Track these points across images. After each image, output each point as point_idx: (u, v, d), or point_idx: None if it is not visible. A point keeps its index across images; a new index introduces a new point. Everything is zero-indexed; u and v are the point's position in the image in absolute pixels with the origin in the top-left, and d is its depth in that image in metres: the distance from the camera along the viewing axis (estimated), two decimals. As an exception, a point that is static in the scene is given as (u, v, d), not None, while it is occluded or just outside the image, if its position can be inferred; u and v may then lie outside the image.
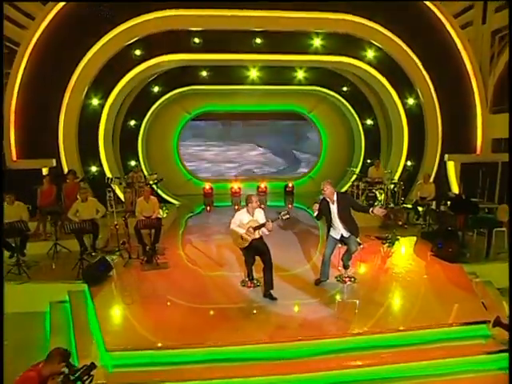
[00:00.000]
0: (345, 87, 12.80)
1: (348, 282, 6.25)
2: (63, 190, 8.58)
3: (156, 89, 12.14)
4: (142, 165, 12.41)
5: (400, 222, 9.43)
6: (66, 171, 9.15)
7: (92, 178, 10.01)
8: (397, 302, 5.92)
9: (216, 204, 13.15)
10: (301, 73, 12.32)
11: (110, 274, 6.51)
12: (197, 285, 6.32)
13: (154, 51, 9.78)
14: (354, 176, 11.35)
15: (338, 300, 5.86)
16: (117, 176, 9.89)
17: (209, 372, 4.45)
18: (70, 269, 6.57)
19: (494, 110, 10.37)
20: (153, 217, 7.56)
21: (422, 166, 10.62)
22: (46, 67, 9.10)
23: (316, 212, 5.95)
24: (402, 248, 8.05)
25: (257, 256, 5.91)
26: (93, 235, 7.50)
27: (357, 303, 5.60)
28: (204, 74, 12.09)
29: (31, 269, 6.74)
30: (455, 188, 10.45)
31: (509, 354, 4.54)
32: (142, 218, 7.39)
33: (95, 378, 3.67)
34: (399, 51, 9.95)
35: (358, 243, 6.10)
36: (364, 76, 11.25)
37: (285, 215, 5.45)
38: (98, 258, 6.59)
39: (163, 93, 12.31)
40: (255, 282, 6.13)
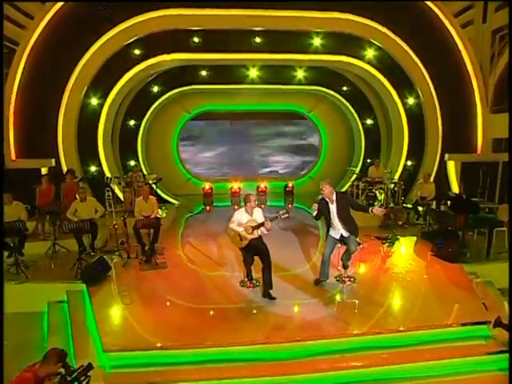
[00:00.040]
0: (345, 87, 12.76)
1: (348, 282, 6.22)
2: (62, 189, 8.56)
3: (155, 88, 12.11)
4: (142, 165, 12.38)
5: (400, 222, 9.39)
6: (65, 171, 9.13)
7: (91, 178, 10.00)
8: (397, 302, 5.89)
9: (216, 204, 13.12)
10: (301, 72, 12.29)
11: (109, 273, 6.49)
12: (196, 285, 6.29)
13: (153, 51, 9.76)
14: (354, 176, 11.32)
15: (338, 300, 5.84)
16: (116, 176, 9.88)
17: (207, 373, 4.42)
18: (69, 269, 6.56)
19: (494, 110, 10.32)
20: (152, 216, 7.54)
21: (422, 165, 10.59)
22: (45, 67, 9.08)
23: (315, 212, 5.94)
24: (402, 248, 8.02)
25: (256, 256, 5.88)
26: (91, 235, 7.49)
27: (356, 303, 5.58)
28: (204, 73, 12.06)
29: (29, 268, 6.73)
30: (455, 188, 10.42)
31: (509, 355, 4.51)
32: (141, 218, 7.38)
33: (92, 379, 3.63)
34: (399, 50, 9.91)
35: (358, 243, 6.08)
36: (364, 75, 11.22)
37: (284, 214, 5.42)
38: (96, 257, 6.57)
39: (163, 92, 12.28)
40: (254, 282, 6.11)
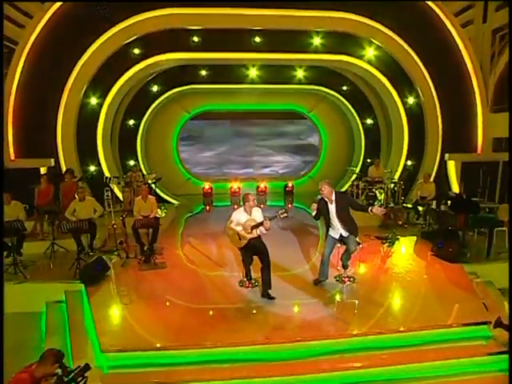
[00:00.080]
0: (345, 86, 12.75)
1: (347, 282, 6.19)
2: (61, 189, 8.53)
3: (155, 88, 12.09)
4: (141, 164, 12.35)
5: (400, 222, 9.37)
6: (64, 170, 9.10)
7: (90, 178, 9.97)
8: (397, 303, 5.87)
9: (215, 204, 13.10)
10: (300, 72, 12.27)
11: (108, 273, 6.46)
12: (195, 285, 6.26)
13: (152, 50, 9.73)
14: (354, 175, 11.30)
15: (338, 300, 5.81)
16: (115, 175, 9.85)
17: (206, 373, 4.39)
18: (67, 268, 6.54)
19: (494, 109, 10.30)
20: (151, 216, 7.53)
21: (423, 165, 10.56)
22: (44, 66, 9.05)
23: (314, 212, 5.91)
24: (402, 248, 8.00)
25: (255, 255, 5.86)
26: (90, 235, 7.46)
27: (356, 303, 5.54)
28: (203, 73, 12.05)
29: (28, 268, 6.71)
30: (456, 187, 10.39)
31: (509, 356, 4.48)
32: (140, 218, 7.36)
33: (90, 380, 3.59)
34: (399, 50, 9.89)
35: (358, 243, 6.06)
36: (364, 75, 11.19)
37: (282, 214, 5.40)
38: (95, 257, 6.54)
39: (162, 92, 12.26)
40: (253, 281, 6.08)
